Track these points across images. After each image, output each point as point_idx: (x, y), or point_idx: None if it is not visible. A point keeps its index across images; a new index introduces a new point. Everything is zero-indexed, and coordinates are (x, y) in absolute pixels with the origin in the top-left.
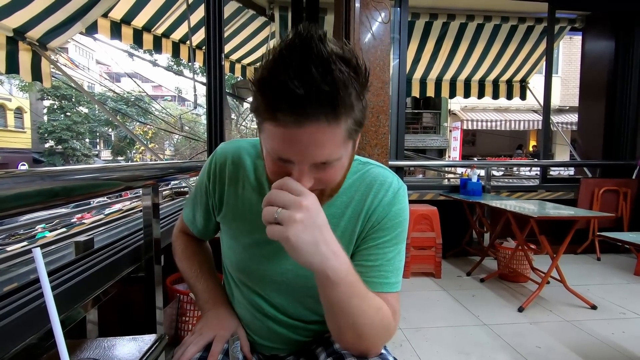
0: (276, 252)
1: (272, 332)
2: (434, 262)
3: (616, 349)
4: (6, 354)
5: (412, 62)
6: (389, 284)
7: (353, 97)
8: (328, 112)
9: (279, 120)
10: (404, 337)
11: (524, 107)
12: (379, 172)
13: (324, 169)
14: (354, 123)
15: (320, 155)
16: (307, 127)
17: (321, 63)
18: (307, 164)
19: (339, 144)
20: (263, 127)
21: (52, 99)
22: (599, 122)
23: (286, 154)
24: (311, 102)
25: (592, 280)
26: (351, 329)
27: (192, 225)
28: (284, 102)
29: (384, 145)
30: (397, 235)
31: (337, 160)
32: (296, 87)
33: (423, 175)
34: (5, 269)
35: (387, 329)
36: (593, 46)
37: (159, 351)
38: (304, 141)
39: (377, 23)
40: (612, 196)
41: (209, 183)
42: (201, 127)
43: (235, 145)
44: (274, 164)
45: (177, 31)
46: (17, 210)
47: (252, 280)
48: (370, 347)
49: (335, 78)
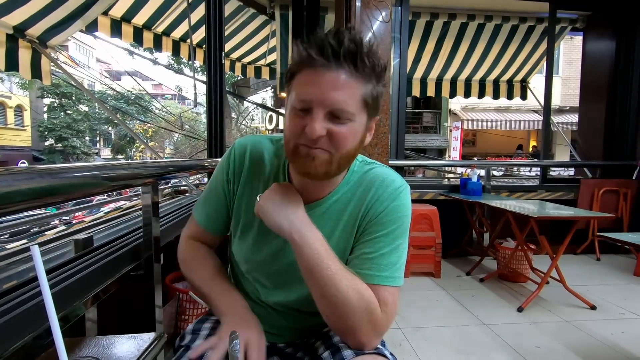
0: (282, 246)
1: (272, 319)
2: (433, 261)
3: (615, 349)
4: (4, 351)
5: (413, 61)
6: (381, 277)
7: (373, 71)
8: (351, 65)
9: (311, 63)
10: (403, 337)
11: (524, 107)
12: (383, 171)
13: (337, 124)
14: (371, 94)
15: (337, 98)
16: (332, 71)
17: (352, 35)
18: (324, 108)
19: (355, 100)
20: (295, 79)
21: (52, 97)
22: (599, 122)
23: (310, 94)
24: (339, 52)
25: (591, 280)
26: (323, 302)
27: (207, 224)
28: (320, 47)
29: (384, 145)
30: (394, 231)
31: (349, 118)
32: (331, 39)
33: (423, 175)
34: (4, 266)
35: (368, 313)
36: (594, 46)
37: (158, 349)
38: (327, 82)
39: (377, 22)
40: (612, 197)
41: (228, 174)
42: (201, 126)
43: (255, 139)
44: (293, 118)
45: (178, 29)
46: (16, 207)
47: (257, 270)
48: (351, 328)
49: (362, 43)
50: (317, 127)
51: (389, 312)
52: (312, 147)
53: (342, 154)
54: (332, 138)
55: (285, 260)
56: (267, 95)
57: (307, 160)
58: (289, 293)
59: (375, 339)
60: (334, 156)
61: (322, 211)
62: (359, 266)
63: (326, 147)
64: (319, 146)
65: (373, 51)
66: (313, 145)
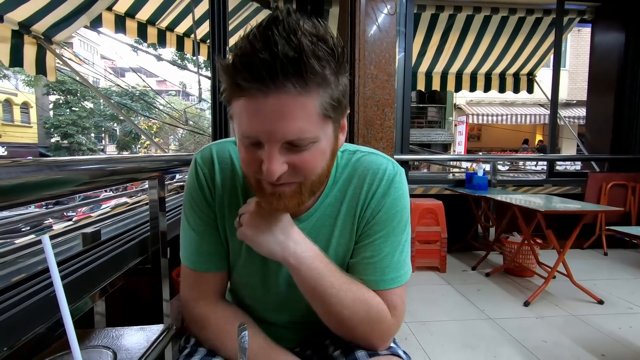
0: (277, 268)
1: (275, 332)
2: (439, 256)
3: (623, 343)
4: (17, 342)
5: (418, 55)
6: (386, 281)
7: (327, 70)
8: (295, 80)
9: (244, 91)
10: (409, 331)
11: (530, 100)
12: (371, 159)
13: (298, 153)
14: (331, 99)
15: (290, 129)
16: (274, 95)
17: (287, 30)
18: (276, 142)
19: (313, 120)
20: (232, 108)
21: (58, 94)
22: (607, 115)
23: (254, 130)
24: (276, 67)
25: (599, 275)
26: (330, 317)
27: (208, 262)
28: (248, 69)
29: (389, 139)
30: (395, 227)
31: (312, 142)
32: (260, 52)
33: (427, 170)
34: (14, 260)
35: (378, 322)
36: (602, 38)
37: (167, 341)
38: (271, 112)
39: (382, 15)
40: (621, 191)
41: (204, 195)
42: (205, 122)
43: (217, 145)
44: (245, 151)
45: (182, 24)
46: (22, 199)
47: (255, 294)
48: (362, 338)
49: (302, 44)
50: (274, 168)
51: (398, 315)
52: (275, 184)
53: (313, 179)
54: (296, 168)
55: (283, 281)
56: None
57: (273, 198)
58: (293, 311)
59: (387, 342)
60: (304, 185)
61: (314, 221)
62: (361, 272)
63: (292, 179)
64: (283, 181)
65: (323, 42)
66: (276, 183)
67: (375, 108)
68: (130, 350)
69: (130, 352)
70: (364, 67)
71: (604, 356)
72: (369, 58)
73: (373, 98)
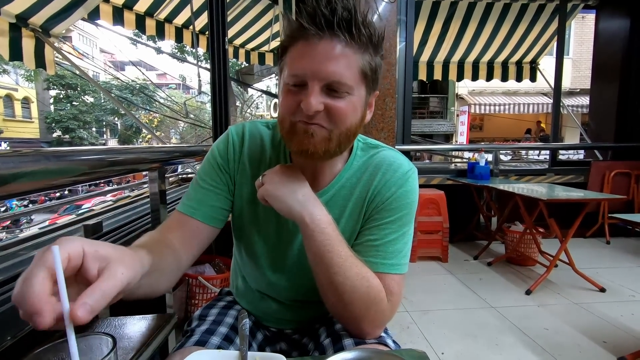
0: (290, 237)
1: (276, 311)
2: (440, 246)
3: (625, 330)
4: (20, 331)
5: (419, 44)
6: (386, 265)
7: (369, 40)
8: (346, 32)
9: (303, 33)
10: (411, 320)
11: (533, 90)
12: (390, 154)
13: (334, 99)
14: (370, 65)
15: (333, 70)
16: (326, 40)
17: (345, 3)
18: (319, 81)
19: (353, 71)
20: (287, 54)
21: (58, 89)
22: (611, 103)
23: (303, 67)
24: (332, 19)
25: (601, 263)
26: (330, 289)
27: (195, 211)
28: (311, 16)
29: (391, 129)
30: (402, 217)
31: (347, 91)
32: (322, 7)
33: (430, 160)
34: (16, 252)
35: (375, 302)
36: (607, 25)
37: (169, 329)
38: (320, 54)
39: (383, 3)
40: (624, 179)
41: (228, 158)
42: (206, 115)
43: (251, 123)
44: (288, 94)
45: (180, 16)
46: (24, 189)
47: (265, 264)
48: (360, 320)
49: (357, 11)
50: (313, 102)
51: (394, 301)
52: (309, 122)
53: (342, 130)
54: (330, 113)
55: (293, 255)
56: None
57: (305, 137)
58: (298, 288)
59: (378, 328)
60: (333, 133)
61: (327, 199)
62: (364, 253)
63: (324, 123)
64: (317, 122)
65: (369, 20)
66: (310, 121)
67: (376, 98)
68: (132, 339)
69: (133, 340)
70: None
71: (606, 343)
72: None
73: (381, 67)
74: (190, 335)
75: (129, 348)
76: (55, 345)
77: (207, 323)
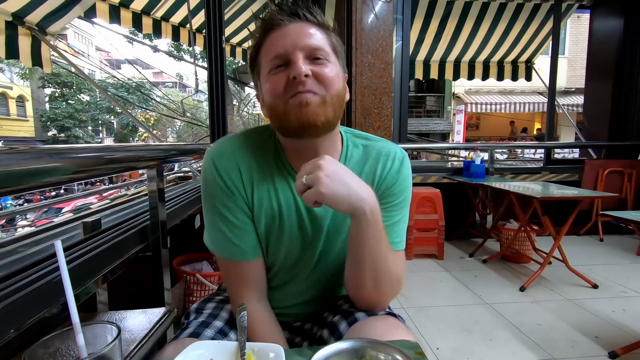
0: (308, 243)
1: (280, 310)
2: (436, 243)
3: (617, 326)
4: (23, 324)
5: (415, 43)
6: (394, 243)
7: (331, 28)
8: (312, 17)
9: (275, 24)
10: (406, 316)
11: (529, 89)
12: (383, 145)
13: (318, 65)
14: (337, 44)
15: (312, 41)
16: (298, 22)
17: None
18: (301, 50)
19: (326, 43)
20: (261, 50)
21: (54, 87)
22: (605, 102)
23: (283, 46)
24: (296, 10)
25: (594, 260)
26: (372, 276)
27: (242, 252)
28: (280, 8)
29: (387, 128)
30: (404, 199)
31: (327, 57)
32: (283, 6)
33: (426, 159)
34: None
35: (399, 282)
36: (601, 24)
37: (168, 323)
38: (295, 32)
39: (380, 2)
40: (617, 177)
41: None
42: (203, 114)
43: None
44: (274, 76)
45: (177, 14)
46: (20, 186)
47: (280, 269)
48: (382, 298)
49: (313, 8)
50: (302, 66)
51: (405, 276)
52: (302, 91)
53: (333, 94)
54: (318, 78)
55: (316, 253)
56: None
57: (301, 108)
58: (310, 287)
59: (388, 304)
60: (326, 97)
61: None
62: None
63: (316, 89)
64: (309, 88)
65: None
66: (303, 89)
67: (373, 97)
68: (133, 332)
69: (134, 332)
70: (361, 55)
71: (597, 338)
72: (366, 46)
73: (370, 86)
74: (185, 328)
75: (129, 340)
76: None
77: (203, 316)
